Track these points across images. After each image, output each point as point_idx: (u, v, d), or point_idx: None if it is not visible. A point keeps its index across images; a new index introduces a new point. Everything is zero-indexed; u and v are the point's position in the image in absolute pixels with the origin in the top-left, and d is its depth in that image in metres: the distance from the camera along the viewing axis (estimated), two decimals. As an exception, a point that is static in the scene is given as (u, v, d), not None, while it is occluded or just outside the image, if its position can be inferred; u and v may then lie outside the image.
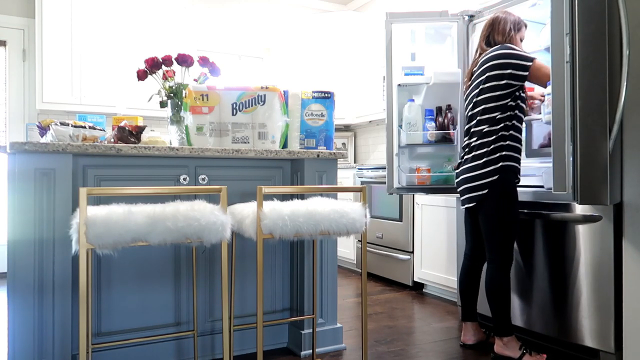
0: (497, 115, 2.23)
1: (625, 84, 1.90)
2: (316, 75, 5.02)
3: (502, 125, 2.23)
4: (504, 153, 2.22)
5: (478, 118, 2.28)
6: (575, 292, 2.23)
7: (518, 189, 2.52)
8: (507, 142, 2.23)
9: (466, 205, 2.34)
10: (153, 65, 2.43)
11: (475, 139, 2.29)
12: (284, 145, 2.41)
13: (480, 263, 2.48)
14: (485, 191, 2.23)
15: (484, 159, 2.23)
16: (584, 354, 2.26)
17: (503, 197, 2.23)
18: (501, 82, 2.22)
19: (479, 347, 2.46)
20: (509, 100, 2.23)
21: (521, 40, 2.40)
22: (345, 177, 4.47)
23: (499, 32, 2.36)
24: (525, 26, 2.42)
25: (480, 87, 2.29)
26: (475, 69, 2.38)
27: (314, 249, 2.24)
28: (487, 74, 2.26)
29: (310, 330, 2.36)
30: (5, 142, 4.16)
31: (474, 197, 2.27)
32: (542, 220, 2.38)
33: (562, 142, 2.02)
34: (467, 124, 2.38)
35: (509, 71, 2.21)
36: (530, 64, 2.20)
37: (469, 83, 2.43)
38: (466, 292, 2.48)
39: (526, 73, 2.21)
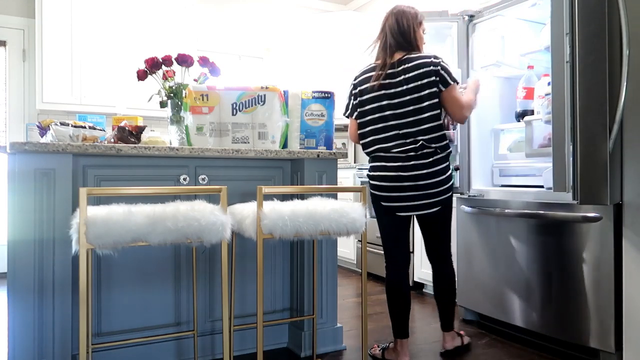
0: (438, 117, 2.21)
1: (625, 84, 1.90)
2: (316, 75, 5.02)
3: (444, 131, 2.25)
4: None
5: (429, 125, 2.17)
6: (575, 292, 2.23)
7: (518, 188, 2.53)
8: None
9: (429, 210, 2.18)
10: (153, 65, 2.43)
11: (429, 142, 2.14)
12: (284, 145, 2.41)
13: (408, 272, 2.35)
14: (450, 194, 2.25)
15: (444, 164, 2.20)
16: (584, 354, 2.26)
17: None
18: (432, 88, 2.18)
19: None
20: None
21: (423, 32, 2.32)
22: (345, 177, 4.47)
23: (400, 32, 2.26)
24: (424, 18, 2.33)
25: (421, 92, 2.14)
26: (400, 68, 2.19)
27: (314, 249, 2.24)
28: (429, 80, 2.14)
29: (310, 330, 2.36)
30: (5, 142, 4.16)
31: (447, 199, 2.22)
32: (542, 220, 2.38)
33: (562, 142, 2.02)
34: (409, 126, 2.16)
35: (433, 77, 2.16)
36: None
37: (380, 83, 2.22)
38: (408, 306, 2.29)
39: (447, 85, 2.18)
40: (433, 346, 2.49)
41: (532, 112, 2.66)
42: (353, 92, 2.32)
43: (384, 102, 2.18)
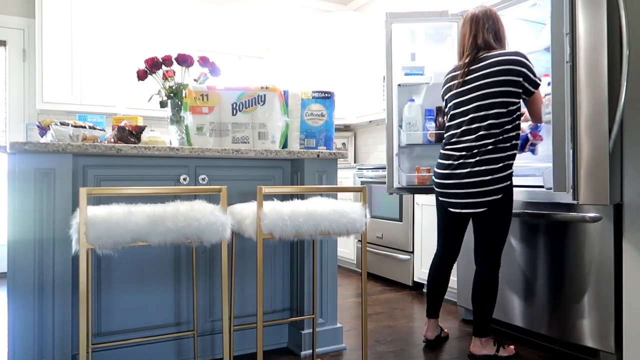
0: (510, 122, 2.19)
1: (625, 84, 1.91)
2: (316, 75, 5.02)
3: (514, 133, 2.21)
4: (513, 161, 2.23)
5: (490, 121, 2.18)
6: (575, 292, 2.23)
7: (518, 188, 2.54)
8: (516, 151, 2.25)
9: (472, 210, 2.23)
10: (153, 65, 2.43)
11: (487, 141, 2.18)
12: (284, 145, 2.41)
13: (452, 263, 2.48)
14: (500, 196, 2.18)
15: (501, 164, 2.17)
16: (584, 354, 2.26)
17: (510, 202, 2.25)
18: (515, 89, 2.17)
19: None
20: (517, 107, 2.21)
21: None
22: (345, 177, 4.47)
23: (491, 30, 2.29)
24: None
25: (494, 89, 2.18)
26: (477, 66, 2.24)
27: (314, 249, 2.24)
28: (500, 78, 2.17)
29: (310, 330, 2.36)
30: (5, 142, 4.16)
31: (486, 201, 2.19)
32: (542, 220, 2.38)
33: (562, 142, 2.02)
34: (470, 124, 2.23)
35: (520, 79, 2.17)
36: (540, 84, 2.22)
37: (465, 80, 2.28)
38: (439, 290, 2.48)
39: (534, 90, 2.21)
40: (433, 346, 2.49)
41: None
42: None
43: (456, 100, 2.33)
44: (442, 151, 2.38)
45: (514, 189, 2.56)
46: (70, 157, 1.93)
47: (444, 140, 2.41)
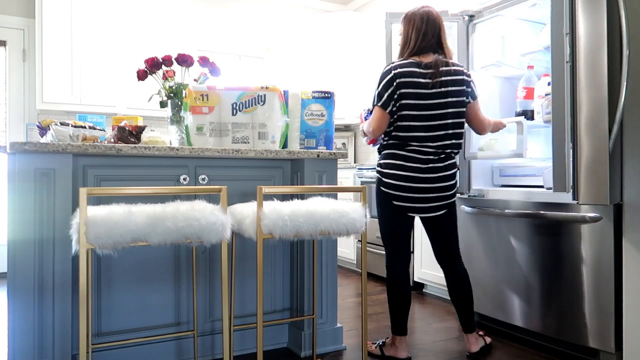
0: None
1: (625, 84, 1.91)
2: (316, 75, 5.02)
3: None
4: None
5: (457, 130, 2.23)
6: (575, 292, 2.23)
7: (518, 188, 2.55)
8: None
9: (441, 212, 2.25)
10: (153, 65, 2.43)
11: (453, 149, 2.24)
12: (284, 145, 2.41)
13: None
14: (457, 195, 2.37)
15: (457, 168, 2.31)
16: (584, 354, 2.26)
17: None
18: (467, 99, 2.27)
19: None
20: None
21: None
22: (345, 177, 4.47)
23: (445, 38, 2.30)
24: None
25: (461, 98, 2.21)
26: (448, 69, 2.18)
27: (314, 249, 2.24)
28: (463, 88, 2.22)
29: (310, 330, 2.36)
30: (5, 142, 4.16)
31: (452, 202, 2.30)
32: (542, 220, 2.38)
33: (562, 142, 2.02)
34: (440, 130, 2.17)
35: (470, 89, 2.27)
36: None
37: (439, 82, 2.15)
38: (409, 303, 2.32)
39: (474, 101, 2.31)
40: (433, 346, 2.49)
41: (532, 112, 2.66)
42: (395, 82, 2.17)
43: (428, 101, 2.17)
44: (399, 152, 2.20)
45: (514, 188, 2.58)
46: (70, 157, 1.93)
47: (394, 141, 2.22)
